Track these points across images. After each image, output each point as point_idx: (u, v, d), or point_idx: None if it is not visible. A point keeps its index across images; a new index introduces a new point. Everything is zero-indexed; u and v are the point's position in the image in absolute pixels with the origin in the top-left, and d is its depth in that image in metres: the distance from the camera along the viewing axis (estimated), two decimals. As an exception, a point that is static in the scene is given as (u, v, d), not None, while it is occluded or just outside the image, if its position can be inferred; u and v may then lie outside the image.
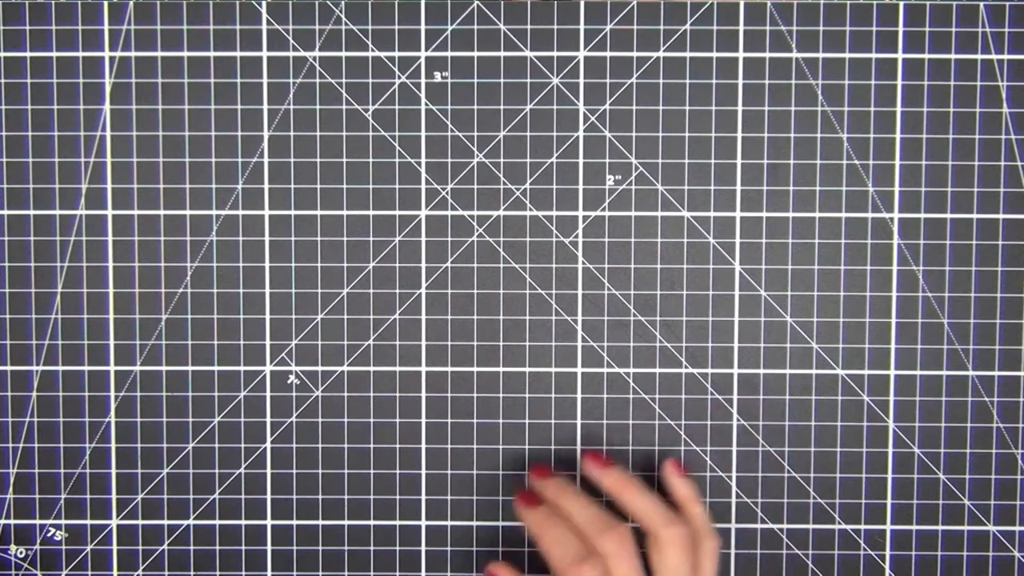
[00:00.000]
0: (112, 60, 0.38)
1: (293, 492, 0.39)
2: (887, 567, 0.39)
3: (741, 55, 0.38)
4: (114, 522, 0.39)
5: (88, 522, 0.39)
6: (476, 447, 0.39)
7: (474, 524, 0.39)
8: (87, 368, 0.38)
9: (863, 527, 0.39)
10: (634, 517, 0.34)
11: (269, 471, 0.39)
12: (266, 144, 0.38)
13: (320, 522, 0.39)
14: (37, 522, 0.39)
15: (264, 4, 0.38)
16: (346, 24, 0.38)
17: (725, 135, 0.38)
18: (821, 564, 0.39)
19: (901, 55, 0.38)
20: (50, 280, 0.38)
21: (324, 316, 0.38)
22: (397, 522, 0.39)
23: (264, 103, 0.38)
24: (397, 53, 0.38)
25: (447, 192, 0.38)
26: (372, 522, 0.39)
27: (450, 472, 0.39)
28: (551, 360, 0.39)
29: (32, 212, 0.38)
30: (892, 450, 0.38)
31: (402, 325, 0.39)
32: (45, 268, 0.38)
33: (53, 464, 0.39)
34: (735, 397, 0.39)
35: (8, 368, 0.38)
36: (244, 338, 0.38)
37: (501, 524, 0.39)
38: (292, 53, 0.38)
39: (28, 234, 0.38)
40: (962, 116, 0.38)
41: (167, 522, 0.39)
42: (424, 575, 0.39)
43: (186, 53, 0.38)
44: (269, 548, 0.39)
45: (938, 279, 0.38)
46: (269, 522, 0.39)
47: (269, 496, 0.39)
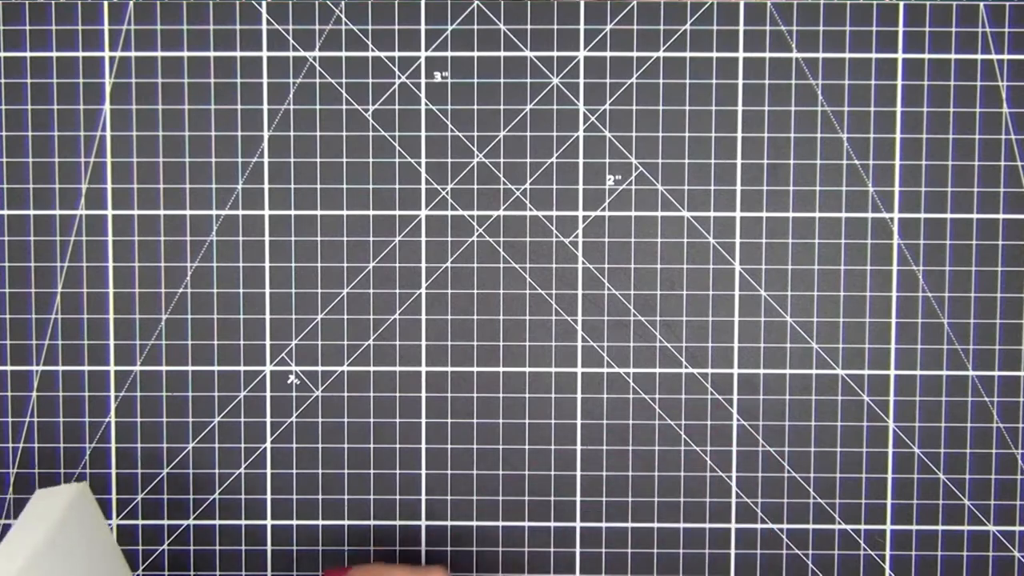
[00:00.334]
0: (112, 60, 0.38)
1: (293, 492, 0.39)
2: (887, 567, 0.39)
3: (741, 55, 0.38)
4: (114, 522, 0.39)
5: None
6: (476, 447, 0.39)
7: (474, 524, 0.39)
8: (87, 368, 0.38)
9: (863, 527, 0.39)
10: None
11: (269, 471, 0.39)
12: (266, 144, 0.38)
13: (320, 522, 0.39)
14: (37, 522, 0.39)
15: (264, 4, 0.38)
16: (346, 24, 0.38)
17: (725, 135, 0.38)
18: (821, 564, 0.39)
19: (901, 55, 0.38)
20: (50, 280, 0.38)
21: (324, 316, 0.38)
22: (397, 522, 0.39)
23: (264, 103, 0.38)
24: (397, 53, 0.38)
25: (447, 192, 0.38)
26: (372, 522, 0.39)
27: (450, 472, 0.39)
28: (551, 360, 0.39)
29: (32, 212, 0.38)
30: (892, 450, 0.38)
31: (402, 325, 0.39)
32: (45, 268, 0.38)
33: (53, 464, 0.39)
34: (735, 397, 0.39)
35: (8, 368, 0.38)
36: (244, 338, 0.38)
37: (501, 524, 0.39)
38: (292, 53, 0.38)
39: (28, 234, 0.38)
40: (962, 116, 0.38)
41: (167, 522, 0.39)
42: (424, 575, 0.39)
43: (186, 53, 0.38)
44: (269, 548, 0.39)
45: (938, 279, 0.38)
46: (269, 522, 0.39)
47: (269, 496, 0.39)
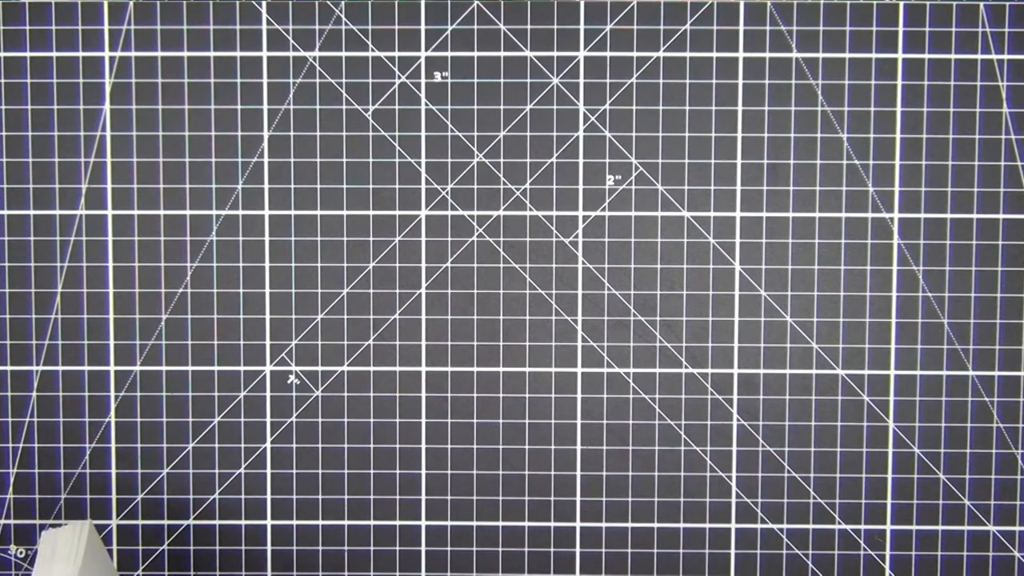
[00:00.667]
0: (112, 60, 0.38)
1: (293, 492, 0.39)
2: (887, 567, 0.39)
3: (741, 55, 0.38)
4: (114, 522, 0.39)
5: (88, 522, 0.39)
6: (476, 447, 0.39)
7: (474, 524, 0.39)
8: (87, 368, 0.38)
9: (863, 527, 0.39)
10: None
11: (269, 471, 0.39)
12: (266, 144, 0.38)
13: (320, 522, 0.39)
14: (37, 522, 0.39)
15: (264, 4, 0.38)
16: (346, 24, 0.38)
17: (725, 135, 0.38)
18: (821, 564, 0.39)
19: (901, 55, 0.38)
20: (50, 280, 0.38)
21: (324, 316, 0.38)
22: (397, 522, 0.39)
23: (264, 103, 0.38)
24: (397, 53, 0.38)
25: (447, 192, 0.38)
26: (372, 522, 0.39)
27: (450, 472, 0.39)
28: (551, 360, 0.39)
29: (32, 212, 0.38)
30: (892, 450, 0.38)
31: (402, 325, 0.39)
32: (45, 268, 0.38)
33: (53, 464, 0.39)
34: (735, 397, 0.39)
35: (8, 368, 0.38)
36: (244, 338, 0.38)
37: (501, 524, 0.39)
38: (292, 53, 0.38)
39: (28, 234, 0.38)
40: (962, 116, 0.38)
41: (167, 522, 0.39)
42: (424, 575, 0.39)
43: (186, 53, 0.38)
44: (269, 548, 0.39)
45: (938, 279, 0.38)
46: (269, 522, 0.39)
47: (269, 496, 0.39)
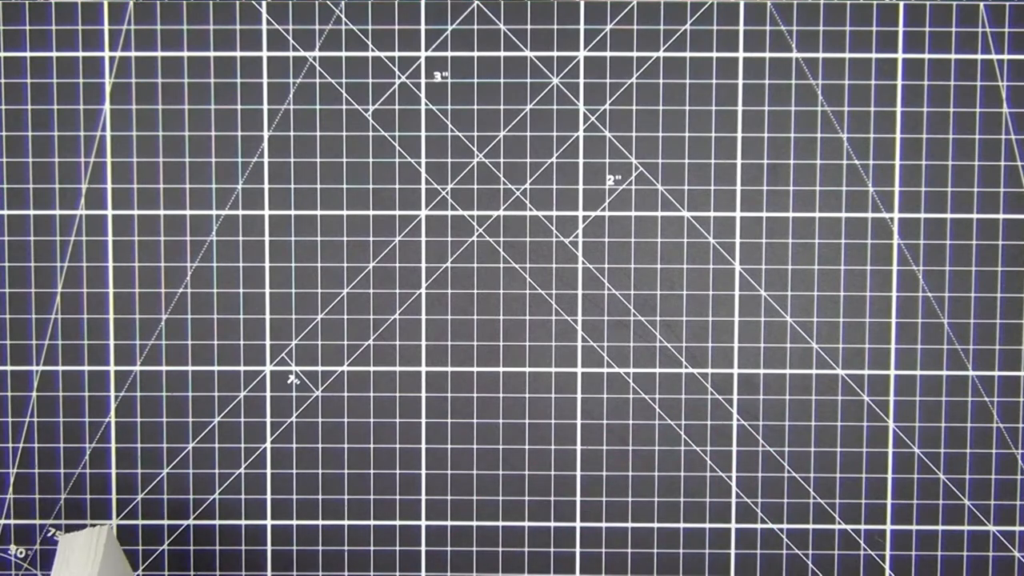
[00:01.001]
0: (112, 60, 0.38)
1: (293, 492, 0.39)
2: (887, 567, 0.39)
3: (741, 55, 0.38)
4: (114, 522, 0.39)
5: (88, 522, 0.39)
6: (476, 447, 0.39)
7: (474, 524, 0.39)
8: (87, 368, 0.38)
9: (863, 527, 0.39)
10: None
11: (269, 471, 0.39)
12: (266, 144, 0.38)
13: (320, 522, 0.39)
14: (37, 522, 0.39)
15: (264, 4, 0.38)
16: (346, 24, 0.38)
17: (725, 135, 0.38)
18: (821, 564, 0.39)
19: (901, 55, 0.38)
20: (50, 280, 0.38)
21: (324, 316, 0.38)
22: (397, 522, 0.39)
23: (264, 103, 0.38)
24: (397, 53, 0.38)
25: (447, 192, 0.38)
26: (372, 522, 0.39)
27: (450, 472, 0.39)
28: (551, 360, 0.39)
29: (32, 212, 0.38)
30: (892, 450, 0.38)
31: (402, 325, 0.39)
32: (45, 268, 0.38)
33: (53, 464, 0.39)
34: (735, 397, 0.39)
35: (8, 368, 0.38)
36: (244, 338, 0.38)
37: (501, 524, 0.39)
38: (292, 53, 0.38)
39: (28, 234, 0.38)
40: (962, 116, 0.38)
41: (167, 522, 0.39)
42: (424, 575, 0.39)
43: (186, 53, 0.38)
44: (269, 548, 0.39)
45: (938, 279, 0.38)
46: (269, 522, 0.39)
47: (269, 496, 0.39)
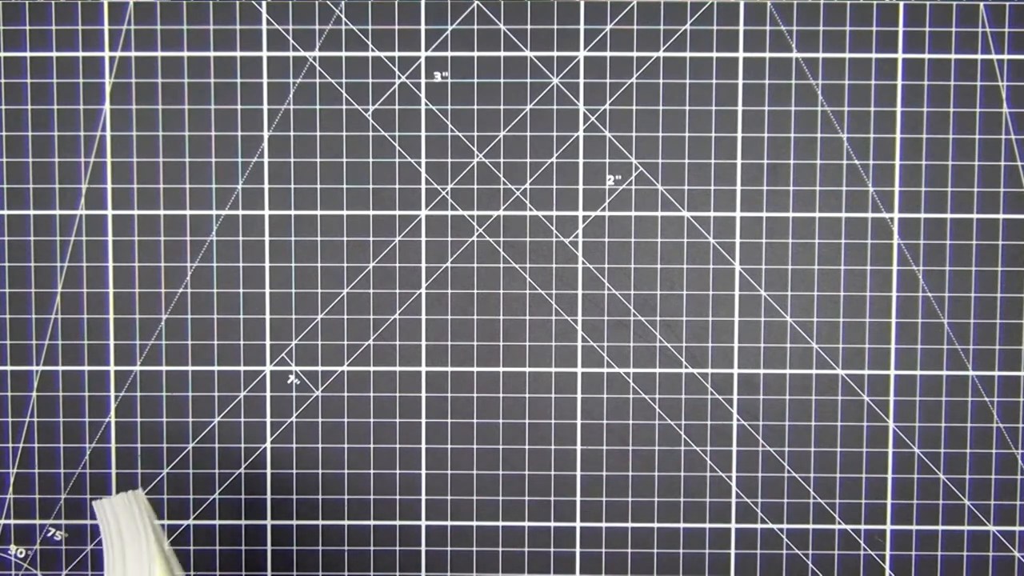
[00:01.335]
0: (112, 60, 0.38)
1: (293, 492, 0.39)
2: (887, 567, 0.39)
3: (741, 55, 0.38)
4: (114, 522, 0.39)
5: (88, 522, 0.39)
6: (476, 447, 0.39)
7: (474, 524, 0.39)
8: (87, 368, 0.38)
9: (863, 527, 0.39)
10: None
11: (269, 471, 0.39)
12: (266, 144, 0.38)
13: (320, 522, 0.39)
14: (37, 522, 0.39)
15: (264, 4, 0.38)
16: (346, 24, 0.38)
17: (725, 135, 0.38)
18: (821, 564, 0.39)
19: (901, 55, 0.38)
20: (50, 280, 0.38)
21: (324, 316, 0.38)
22: (397, 522, 0.39)
23: (264, 103, 0.38)
24: (397, 53, 0.38)
25: (447, 192, 0.38)
26: (372, 522, 0.39)
27: (450, 472, 0.39)
28: (551, 360, 0.39)
29: (32, 212, 0.38)
30: (892, 450, 0.38)
31: (402, 325, 0.39)
32: (45, 268, 0.38)
33: (53, 464, 0.39)
34: (735, 397, 0.39)
35: (8, 368, 0.38)
36: (244, 338, 0.38)
37: (501, 524, 0.39)
38: (292, 53, 0.38)
39: (28, 234, 0.38)
40: (962, 116, 0.38)
41: (167, 522, 0.39)
42: (424, 575, 0.39)
43: (186, 53, 0.38)
44: (269, 548, 0.39)
45: (938, 279, 0.38)
46: (269, 522, 0.39)
47: (269, 496, 0.39)
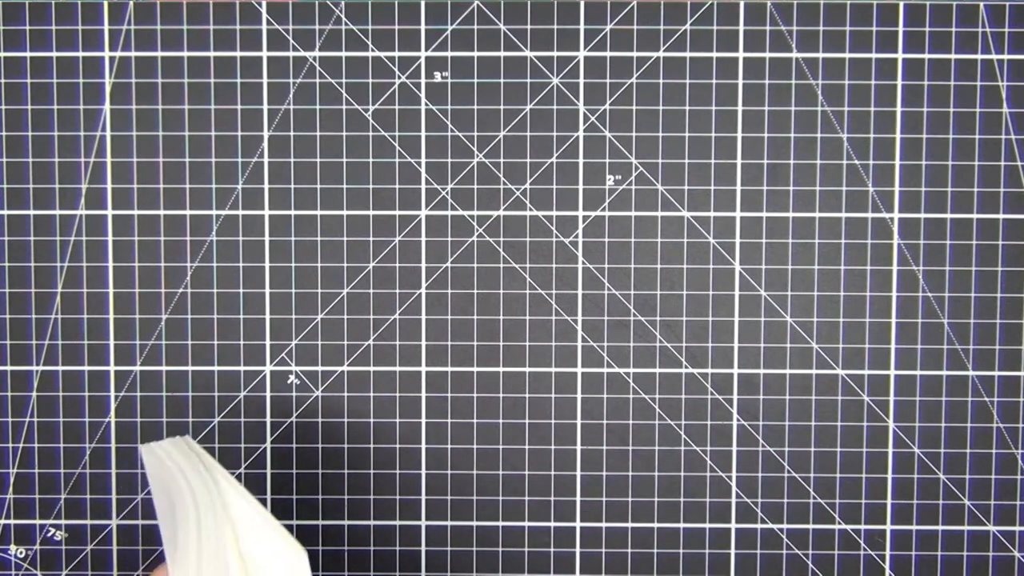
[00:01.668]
0: (112, 60, 0.38)
1: (293, 492, 0.39)
2: (887, 567, 0.39)
3: (741, 55, 0.38)
4: (114, 522, 0.39)
5: (88, 522, 0.39)
6: (476, 447, 0.39)
7: (474, 524, 0.39)
8: (87, 368, 0.38)
9: (863, 527, 0.39)
10: None
11: (269, 471, 0.39)
12: (266, 144, 0.38)
13: (320, 522, 0.39)
14: (37, 522, 0.39)
15: (264, 4, 0.38)
16: (346, 24, 0.38)
17: (725, 135, 0.38)
18: (821, 564, 0.39)
19: (901, 55, 0.38)
20: (50, 280, 0.38)
21: (324, 316, 0.38)
22: (397, 522, 0.39)
23: (264, 103, 0.38)
24: (397, 53, 0.38)
25: (447, 192, 0.38)
26: (372, 522, 0.39)
27: (450, 472, 0.39)
28: (551, 360, 0.39)
29: (32, 212, 0.38)
30: (892, 450, 0.38)
31: (402, 325, 0.39)
32: (45, 268, 0.38)
33: (53, 464, 0.39)
34: (735, 397, 0.39)
35: (8, 368, 0.38)
36: (244, 338, 0.38)
37: (501, 524, 0.39)
38: (292, 53, 0.38)
39: (28, 234, 0.38)
40: (962, 116, 0.38)
41: (167, 522, 0.39)
42: (424, 575, 0.39)
43: (186, 53, 0.38)
44: (269, 548, 0.39)
45: (938, 279, 0.38)
46: (269, 522, 0.39)
47: (269, 496, 0.39)
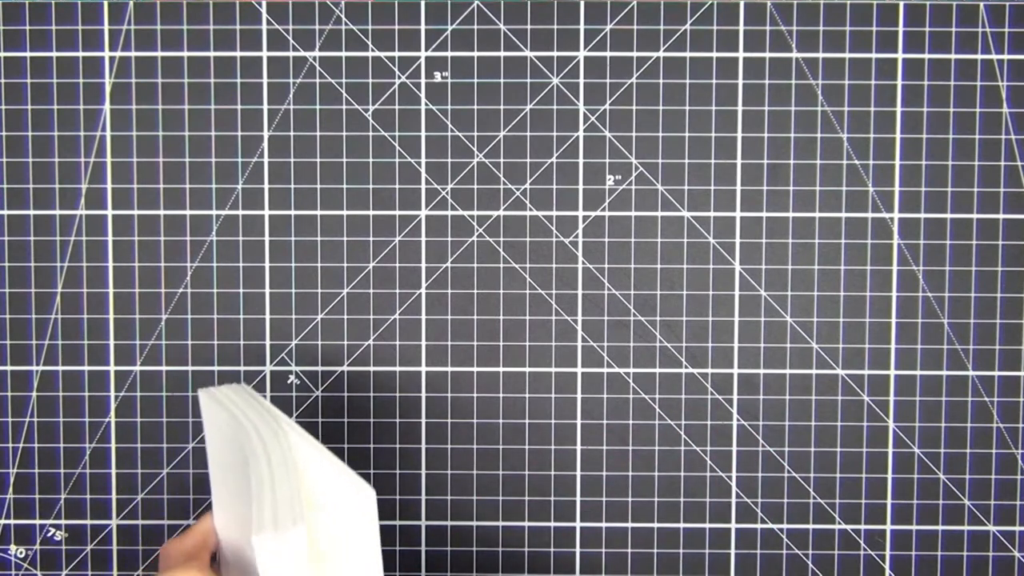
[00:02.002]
0: (112, 60, 0.38)
1: (293, 492, 0.39)
2: (887, 567, 0.39)
3: (741, 55, 0.38)
4: (114, 522, 0.39)
5: (88, 522, 0.39)
6: (476, 447, 0.39)
7: (474, 524, 0.39)
8: (87, 368, 0.38)
9: (863, 527, 0.39)
10: None
11: (269, 471, 0.39)
12: (266, 144, 0.38)
13: (320, 522, 0.39)
14: (37, 522, 0.39)
15: (264, 4, 0.38)
16: (346, 24, 0.38)
17: (725, 135, 0.38)
18: (821, 564, 0.39)
19: (901, 55, 0.38)
20: (50, 280, 0.38)
21: (324, 316, 0.38)
22: (398, 522, 0.39)
23: (264, 103, 0.38)
24: (397, 53, 0.38)
25: (447, 192, 0.38)
26: (372, 522, 0.39)
27: (450, 472, 0.39)
28: (551, 360, 0.39)
29: (32, 212, 0.38)
30: (892, 450, 0.38)
31: (402, 325, 0.39)
32: (45, 268, 0.38)
33: (53, 464, 0.39)
34: (735, 397, 0.39)
35: (8, 368, 0.38)
36: (244, 338, 0.38)
37: (501, 524, 0.39)
38: (292, 53, 0.38)
39: (28, 234, 0.38)
40: (962, 116, 0.38)
41: (167, 522, 0.39)
42: (424, 575, 0.39)
43: (186, 53, 0.38)
44: (269, 548, 0.39)
45: (938, 279, 0.38)
46: (269, 522, 0.39)
47: (269, 496, 0.39)
